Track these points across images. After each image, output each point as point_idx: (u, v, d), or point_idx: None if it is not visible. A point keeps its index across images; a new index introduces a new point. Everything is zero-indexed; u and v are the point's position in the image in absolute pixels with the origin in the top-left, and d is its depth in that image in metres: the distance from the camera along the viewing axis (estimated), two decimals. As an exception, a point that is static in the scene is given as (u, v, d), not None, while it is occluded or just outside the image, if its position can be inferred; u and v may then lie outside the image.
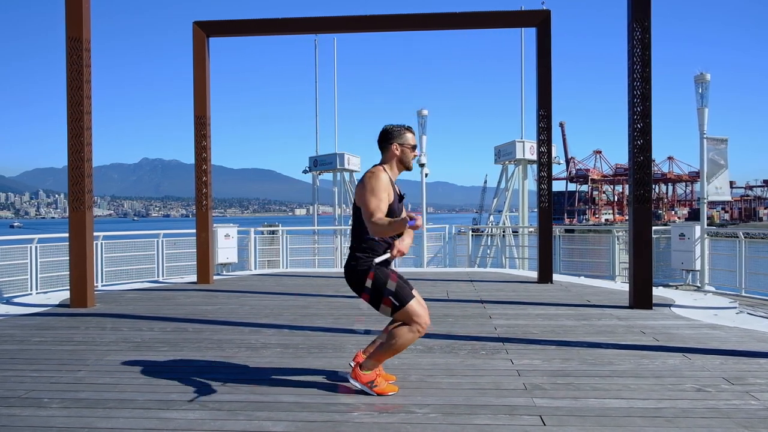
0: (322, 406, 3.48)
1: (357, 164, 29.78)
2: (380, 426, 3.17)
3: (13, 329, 6.00)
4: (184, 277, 11.05)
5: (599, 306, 7.10)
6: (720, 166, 11.52)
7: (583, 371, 4.20)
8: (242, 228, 13.34)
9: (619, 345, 5.02)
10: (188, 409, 3.44)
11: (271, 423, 3.22)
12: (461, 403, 3.52)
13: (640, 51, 6.89)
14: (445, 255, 15.01)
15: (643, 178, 6.96)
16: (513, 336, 5.41)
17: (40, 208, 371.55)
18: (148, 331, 5.78)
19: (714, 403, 3.48)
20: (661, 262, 11.99)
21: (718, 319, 6.23)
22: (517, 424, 3.17)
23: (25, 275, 9.09)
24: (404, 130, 3.74)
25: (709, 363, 4.39)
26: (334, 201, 30.38)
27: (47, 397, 3.71)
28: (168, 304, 7.68)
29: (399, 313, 3.57)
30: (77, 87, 7.27)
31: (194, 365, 4.49)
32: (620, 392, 3.70)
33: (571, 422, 3.19)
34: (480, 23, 9.79)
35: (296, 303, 7.58)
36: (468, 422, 3.21)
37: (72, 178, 7.35)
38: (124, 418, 3.32)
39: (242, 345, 5.13)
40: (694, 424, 3.15)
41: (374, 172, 3.59)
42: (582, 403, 3.49)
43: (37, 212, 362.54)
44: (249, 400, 3.60)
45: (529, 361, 4.51)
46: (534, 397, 3.61)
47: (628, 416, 3.27)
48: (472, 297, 7.88)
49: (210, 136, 9.83)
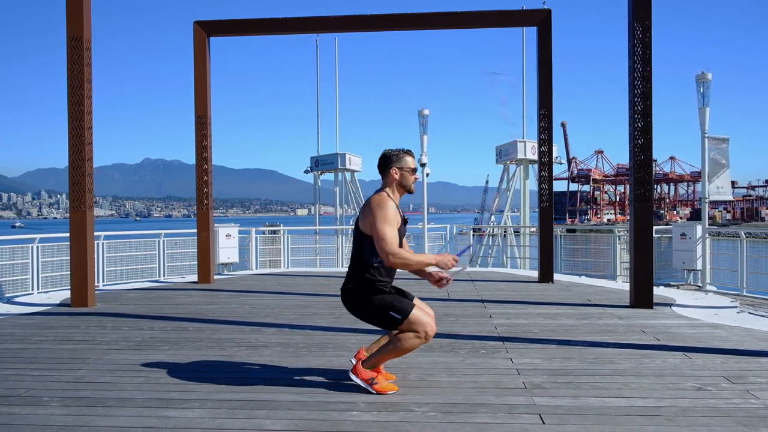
0: (321, 405, 3.48)
1: (358, 164, 29.78)
2: (379, 424, 3.17)
3: (13, 328, 6.00)
4: (185, 276, 11.06)
5: (600, 305, 7.09)
6: (721, 166, 11.50)
7: (583, 370, 4.20)
8: (243, 228, 13.37)
9: (619, 344, 5.01)
10: (188, 408, 3.44)
11: (270, 422, 3.22)
12: (461, 401, 3.52)
13: (641, 50, 6.88)
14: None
15: (644, 177, 6.95)
16: (513, 335, 5.40)
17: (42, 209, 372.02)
18: (148, 331, 5.78)
19: (714, 402, 3.47)
20: (662, 261, 11.95)
21: (719, 318, 6.22)
22: (516, 423, 3.17)
23: (27, 275, 9.11)
24: (403, 153, 3.73)
25: (710, 362, 4.38)
26: (335, 201, 30.39)
27: (47, 395, 3.71)
28: (169, 303, 7.68)
29: (403, 324, 3.58)
30: (78, 87, 7.27)
31: (194, 364, 4.49)
32: (620, 391, 3.70)
33: (571, 421, 3.19)
34: (481, 22, 9.78)
35: (297, 302, 7.58)
36: (467, 421, 3.21)
37: (73, 178, 7.36)
38: (123, 416, 3.32)
39: (242, 344, 5.13)
40: (695, 422, 3.14)
41: (381, 199, 3.60)
42: (582, 402, 3.49)
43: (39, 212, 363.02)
44: (248, 399, 3.60)
45: (529, 360, 4.50)
46: (534, 396, 3.60)
47: (628, 415, 3.27)
48: (473, 296, 7.88)
49: (211, 135, 9.84)
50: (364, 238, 3.60)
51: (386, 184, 3.72)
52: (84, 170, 7.34)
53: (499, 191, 31.57)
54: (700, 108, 11.14)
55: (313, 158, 29.66)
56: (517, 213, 30.57)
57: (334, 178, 30.31)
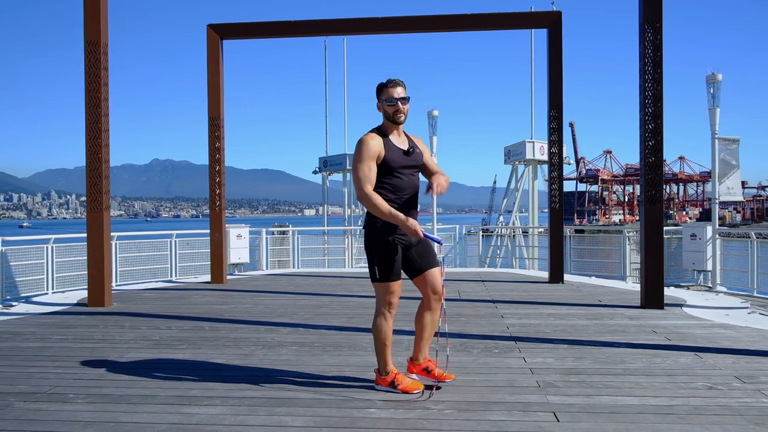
0: (340, 402, 3.56)
1: (367, 165, 29.77)
2: (397, 421, 3.25)
3: (33, 327, 6.13)
4: (197, 276, 11.18)
5: (610, 306, 7.14)
6: (732, 167, 11.50)
7: (595, 369, 4.26)
8: (253, 228, 13.48)
9: (631, 344, 5.06)
10: (209, 405, 3.53)
11: (291, 418, 3.31)
12: (476, 399, 3.59)
13: (652, 52, 6.92)
14: (456, 255, 15.06)
15: (655, 179, 6.99)
16: (525, 335, 5.47)
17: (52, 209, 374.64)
18: (165, 330, 5.89)
19: (726, 401, 3.52)
20: (672, 262, 11.96)
21: (729, 318, 6.26)
22: (531, 420, 3.24)
23: (41, 275, 9.25)
24: (383, 85, 3.73)
25: (721, 362, 4.42)
26: (343, 201, 30.47)
27: (72, 393, 3.81)
28: (184, 303, 7.79)
29: (375, 284, 3.69)
30: (95, 90, 7.40)
31: (213, 363, 4.58)
32: (633, 390, 3.76)
33: (584, 419, 3.25)
34: (491, 25, 9.85)
35: (310, 302, 7.67)
36: (483, 418, 3.28)
37: (90, 180, 7.49)
38: (147, 413, 3.42)
39: (259, 343, 5.22)
40: (707, 421, 3.20)
41: (361, 139, 3.66)
42: (595, 401, 3.55)
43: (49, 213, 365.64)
44: (268, 396, 3.69)
45: (541, 359, 4.57)
46: (547, 395, 3.67)
47: (640, 413, 3.33)
48: (484, 297, 7.94)
49: (224, 137, 9.94)
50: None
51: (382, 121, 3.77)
52: (101, 172, 7.47)
53: (507, 192, 31.56)
54: (710, 109, 11.15)
55: (321, 159, 29.77)
56: (525, 213, 30.59)
57: (343, 179, 30.39)
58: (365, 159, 3.58)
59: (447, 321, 4.02)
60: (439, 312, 3.78)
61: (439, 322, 3.82)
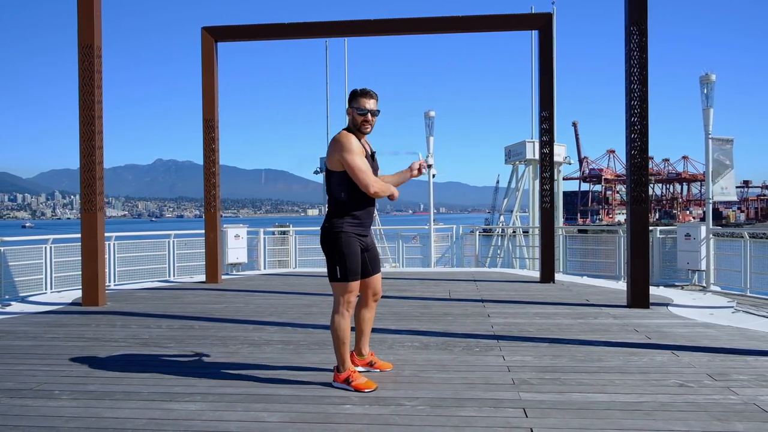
0: (317, 399, 3.65)
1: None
2: (370, 417, 3.34)
3: (26, 326, 6.24)
4: (193, 276, 11.29)
5: (597, 305, 7.21)
6: (725, 167, 11.57)
7: (571, 367, 4.33)
8: (252, 228, 13.57)
9: (610, 343, 5.14)
10: (190, 401, 3.63)
11: (267, 414, 3.40)
12: (450, 396, 3.68)
13: (638, 54, 6.99)
14: (452, 255, 15.13)
15: (641, 179, 7.05)
16: (508, 334, 5.55)
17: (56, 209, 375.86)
18: (156, 329, 5.99)
19: (693, 398, 3.60)
20: (667, 262, 12.01)
21: (713, 318, 6.32)
22: (500, 416, 3.32)
23: (41, 275, 9.38)
24: (358, 92, 3.82)
25: (696, 360, 4.50)
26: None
27: (58, 389, 3.91)
28: (177, 302, 7.90)
29: (335, 284, 3.82)
30: (89, 92, 7.50)
31: (198, 360, 4.68)
32: (605, 387, 3.84)
33: (553, 415, 3.33)
34: (484, 27, 9.93)
35: (301, 302, 7.77)
36: (454, 414, 3.37)
37: (84, 181, 7.60)
38: (129, 408, 3.52)
39: (245, 342, 5.32)
40: (671, 417, 3.28)
41: (341, 134, 3.77)
42: (566, 397, 3.63)
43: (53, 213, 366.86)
44: (247, 393, 3.78)
45: (520, 357, 4.65)
46: (520, 392, 3.75)
47: (608, 409, 3.41)
48: (474, 296, 8.02)
49: (219, 138, 10.04)
50: (331, 176, 3.80)
51: (348, 123, 3.89)
52: (95, 173, 7.57)
53: (508, 191, 31.60)
54: (704, 109, 11.24)
55: (322, 159, 29.86)
56: (526, 213, 30.61)
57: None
58: (356, 151, 3.71)
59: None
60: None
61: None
